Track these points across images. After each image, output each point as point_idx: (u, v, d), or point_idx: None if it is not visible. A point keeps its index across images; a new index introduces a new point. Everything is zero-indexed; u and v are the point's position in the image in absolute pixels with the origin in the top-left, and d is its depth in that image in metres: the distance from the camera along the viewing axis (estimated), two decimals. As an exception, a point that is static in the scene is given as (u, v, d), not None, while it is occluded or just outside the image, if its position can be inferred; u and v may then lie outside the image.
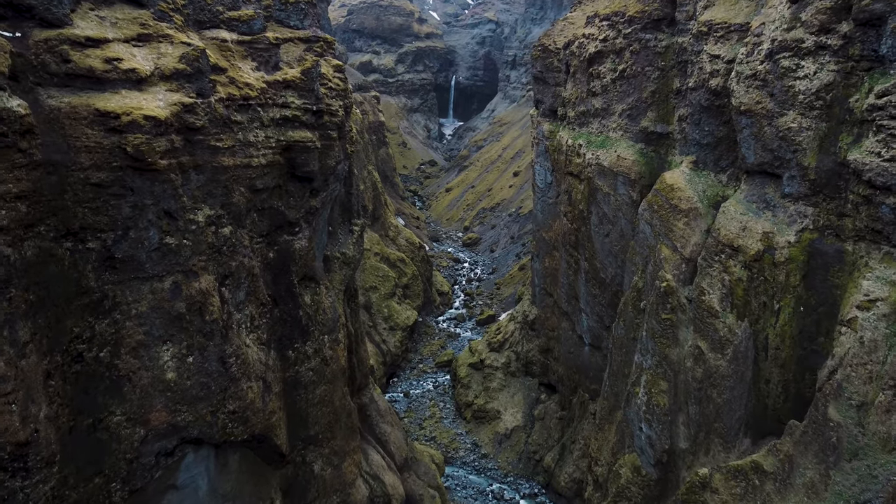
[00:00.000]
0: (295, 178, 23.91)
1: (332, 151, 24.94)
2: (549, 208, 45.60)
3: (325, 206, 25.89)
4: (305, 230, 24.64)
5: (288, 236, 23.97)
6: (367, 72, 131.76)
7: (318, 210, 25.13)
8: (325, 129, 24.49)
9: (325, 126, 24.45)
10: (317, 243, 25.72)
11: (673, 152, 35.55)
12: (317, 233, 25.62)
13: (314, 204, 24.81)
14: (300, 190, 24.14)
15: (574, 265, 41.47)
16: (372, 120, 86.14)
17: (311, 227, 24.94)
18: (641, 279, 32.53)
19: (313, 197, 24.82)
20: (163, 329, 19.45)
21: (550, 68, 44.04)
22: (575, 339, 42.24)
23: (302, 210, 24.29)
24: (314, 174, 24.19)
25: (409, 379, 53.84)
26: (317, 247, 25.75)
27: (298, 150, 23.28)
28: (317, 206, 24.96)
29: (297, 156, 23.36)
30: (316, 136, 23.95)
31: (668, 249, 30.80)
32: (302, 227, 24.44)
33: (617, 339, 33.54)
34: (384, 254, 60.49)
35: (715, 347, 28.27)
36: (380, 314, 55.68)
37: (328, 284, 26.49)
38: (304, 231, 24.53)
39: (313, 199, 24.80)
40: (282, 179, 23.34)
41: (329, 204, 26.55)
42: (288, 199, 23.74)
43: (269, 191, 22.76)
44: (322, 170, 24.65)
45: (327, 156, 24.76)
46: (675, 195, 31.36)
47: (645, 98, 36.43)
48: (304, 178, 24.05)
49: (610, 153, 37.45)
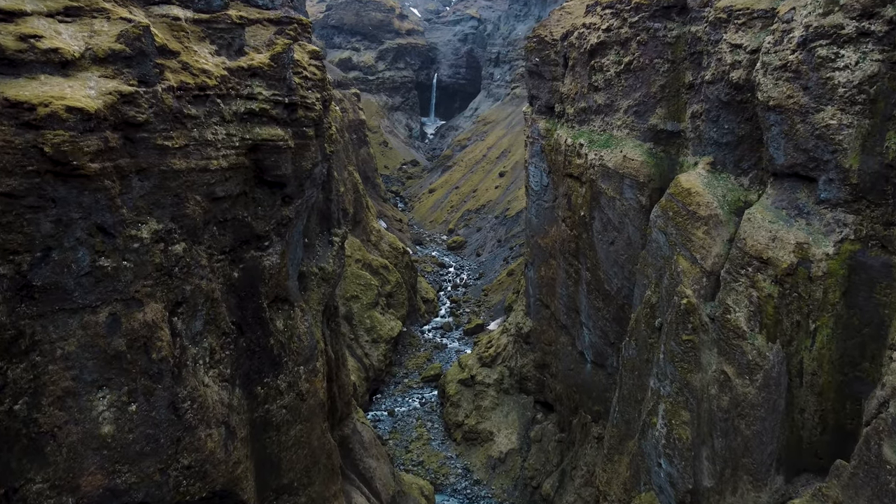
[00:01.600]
0: (264, 184, 20.24)
1: (307, 152, 21.30)
2: (546, 213, 42.29)
3: (300, 216, 22.26)
4: (277, 244, 20.97)
5: (256, 252, 20.31)
6: (347, 69, 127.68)
7: (291, 220, 21.49)
8: (300, 125, 20.85)
9: (300, 122, 20.81)
10: (290, 259, 22.08)
11: (685, 152, 32.38)
12: (290, 247, 21.98)
13: (287, 213, 21.16)
14: (270, 197, 20.47)
15: (574, 275, 38.19)
16: (352, 118, 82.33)
17: (283, 241, 21.28)
18: (655, 294, 29.30)
19: (286, 205, 21.16)
20: (97, 372, 15.70)
21: (547, 61, 40.71)
22: (575, 355, 38.98)
23: (272, 221, 20.62)
24: (287, 179, 20.55)
25: (394, 395, 50.22)
26: (290, 263, 22.11)
27: (267, 150, 19.62)
28: (290, 215, 21.32)
29: (266, 157, 19.70)
30: (288, 134, 20.31)
31: (686, 261, 27.61)
32: (272, 240, 20.78)
33: (628, 360, 30.29)
34: (366, 260, 56.83)
35: (742, 373, 25.09)
36: (362, 326, 52.01)
37: (304, 306, 22.83)
38: (274, 245, 20.87)
39: (286, 208, 21.14)
40: (248, 185, 19.68)
41: (305, 213, 22.91)
42: (255, 209, 20.07)
43: (231, 199, 19.08)
44: (296, 173, 21.02)
45: (302, 157, 21.12)
46: (693, 200, 28.19)
47: (653, 93, 33.23)
48: (274, 183, 20.39)
49: (615, 153, 34.21)
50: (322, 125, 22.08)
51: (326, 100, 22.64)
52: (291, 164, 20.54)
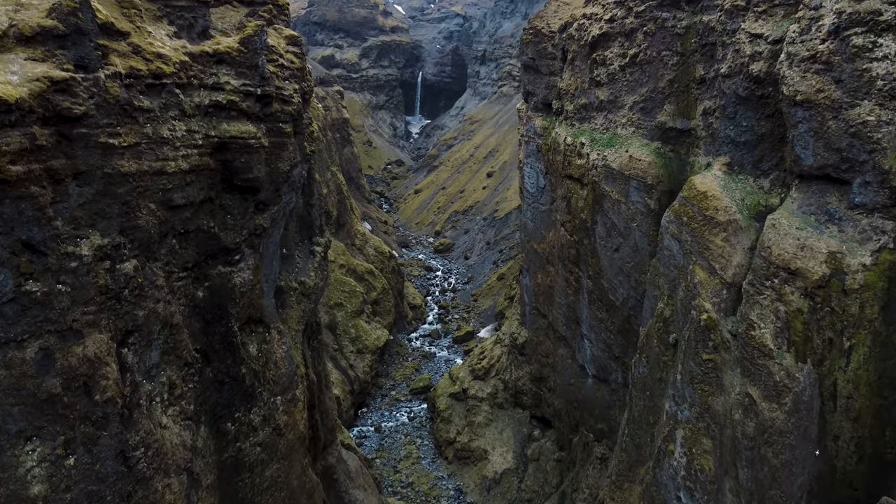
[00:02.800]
0: (233, 189, 17.47)
1: (284, 151, 18.53)
2: (542, 216, 39.76)
3: (276, 225, 19.49)
4: (249, 258, 18.19)
5: (224, 267, 17.51)
6: (330, 66, 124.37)
7: (266, 230, 18.72)
8: (275, 120, 18.08)
9: (275, 117, 18.04)
10: (265, 274, 19.30)
11: (696, 152, 30.00)
12: (265, 260, 19.20)
13: (261, 222, 18.38)
14: (241, 204, 17.69)
15: (574, 283, 35.70)
16: (335, 116, 79.29)
17: (256, 254, 18.50)
18: (669, 307, 26.86)
19: (259, 213, 18.39)
20: (24, 420, 12.84)
21: (543, 55, 38.17)
22: (575, 368, 36.51)
23: (243, 231, 17.84)
24: (260, 182, 17.78)
25: (381, 409, 47.45)
26: (265, 278, 19.33)
27: (237, 149, 16.84)
28: (265, 224, 18.55)
29: (236, 157, 16.93)
30: (262, 131, 17.53)
31: (703, 271, 25.18)
32: (244, 253, 17.99)
33: (638, 379, 27.83)
34: (350, 265, 53.98)
35: (769, 395, 22.69)
36: (346, 335, 49.18)
37: (282, 327, 20.05)
38: (246, 259, 18.09)
39: (259, 216, 18.36)
40: (213, 191, 16.89)
41: (282, 220, 20.14)
42: (223, 218, 17.28)
43: (194, 207, 16.28)
44: (271, 176, 18.25)
45: (278, 157, 18.35)
46: (710, 204, 25.76)
47: (661, 88, 30.80)
48: (245, 188, 17.62)
49: (620, 153, 31.75)
50: (301, 121, 19.31)
51: (306, 92, 19.88)
52: (265, 165, 17.76)
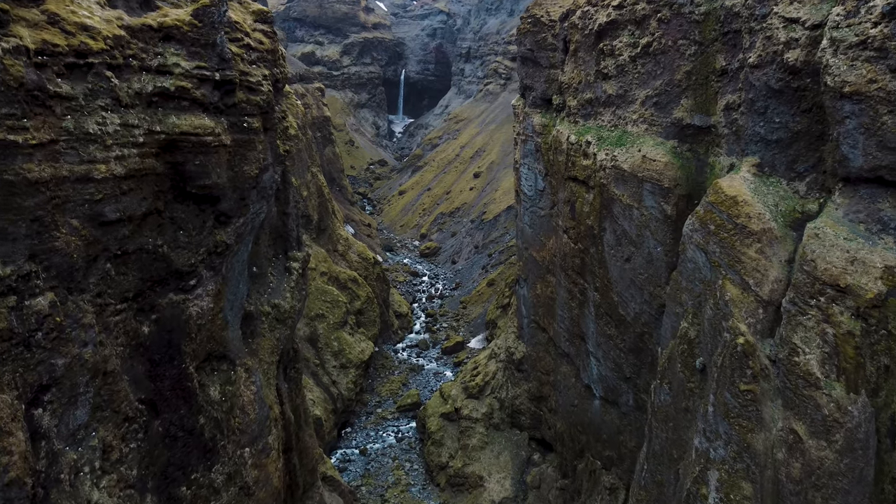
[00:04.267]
0: (187, 198, 14.07)
1: (251, 151, 15.15)
2: (542, 222, 36.65)
3: (242, 240, 16.10)
4: (208, 282, 14.80)
5: (176, 295, 14.11)
6: (310, 63, 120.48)
7: (230, 247, 15.33)
8: (239, 113, 14.69)
9: (239, 109, 14.66)
10: (230, 299, 15.91)
11: (716, 151, 27.04)
12: (229, 283, 15.81)
13: (223, 238, 14.99)
14: (196, 217, 14.29)
15: (579, 296, 32.63)
16: (316, 115, 75.67)
17: (217, 276, 15.12)
18: (694, 326, 23.84)
19: (221, 227, 15.00)
20: None
21: (543, 46, 35.07)
22: (580, 388, 33.46)
23: (201, 250, 14.44)
24: (221, 189, 14.40)
25: (366, 428, 44.05)
26: (230, 305, 15.94)
27: (190, 148, 13.44)
28: (228, 241, 15.16)
29: (189, 159, 13.53)
30: (222, 126, 14.14)
31: (735, 287, 22.16)
32: (201, 277, 14.60)
33: (660, 408, 24.83)
34: (333, 273, 50.49)
35: (817, 432, 19.70)
36: (328, 349, 45.71)
37: (250, 363, 16.66)
38: (204, 284, 14.70)
39: (221, 231, 14.97)
40: (161, 201, 13.48)
41: (250, 234, 16.76)
42: (174, 234, 13.88)
43: (134, 222, 12.86)
44: (235, 182, 14.86)
45: (244, 158, 14.97)
46: (741, 211, 22.75)
47: (678, 81, 27.82)
48: (202, 196, 14.22)
49: (632, 153, 28.71)
50: (272, 114, 15.94)
51: (279, 80, 16.49)
52: (227, 168, 14.37)
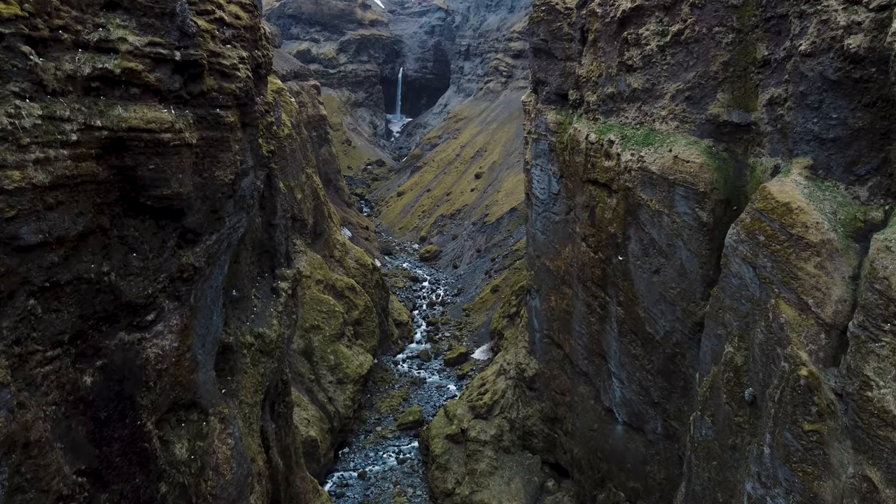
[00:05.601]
0: (141, 212, 11.08)
1: (225, 152, 12.16)
2: (556, 228, 33.71)
3: (216, 261, 13.11)
4: (171, 315, 11.82)
5: (129, 334, 11.13)
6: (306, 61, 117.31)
7: (199, 271, 12.35)
8: (209, 104, 11.69)
9: (209, 99, 11.65)
10: (200, 334, 12.91)
11: (757, 151, 24.12)
12: (199, 314, 12.83)
13: (189, 261, 12.00)
14: (154, 236, 11.29)
15: (599, 310, 29.71)
16: (312, 113, 72.56)
17: (183, 308, 12.13)
18: (741, 351, 20.92)
19: (187, 246, 12.00)
20: None
21: (558, 36, 32.17)
22: (599, 411, 30.56)
23: (160, 276, 11.45)
24: (185, 200, 11.40)
25: (365, 448, 41.06)
26: (200, 341, 12.94)
27: (142, 149, 10.46)
28: (196, 263, 12.17)
29: (141, 162, 10.55)
30: (186, 120, 11.14)
31: (791, 308, 19.23)
32: (162, 310, 11.61)
33: (701, 443, 21.96)
34: (329, 280, 47.49)
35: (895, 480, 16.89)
36: (324, 363, 42.74)
37: (227, 411, 13.66)
38: (166, 318, 11.71)
39: (187, 252, 11.98)
40: (105, 217, 10.50)
41: (227, 253, 13.77)
42: (124, 258, 10.89)
43: (65, 246, 9.87)
44: (205, 190, 11.88)
45: (215, 161, 11.97)
46: (796, 220, 19.83)
47: (713, 73, 24.90)
48: (161, 209, 11.22)
49: (661, 153, 25.79)
50: (252, 106, 12.93)
51: (261, 65, 13.50)
52: (193, 173, 11.38)
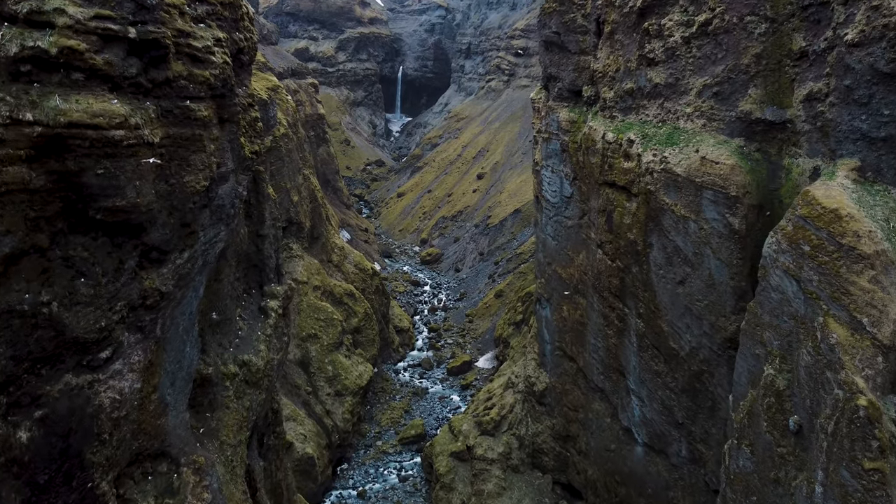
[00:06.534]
0: (91, 228, 8.98)
1: (198, 153, 10.07)
2: (569, 233, 31.66)
3: (190, 282, 11.03)
4: (133, 350, 9.75)
5: (77, 377, 9.05)
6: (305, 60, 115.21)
7: (167, 296, 10.27)
8: (178, 95, 9.59)
9: (177, 89, 9.56)
10: (170, 370, 10.83)
11: (793, 151, 22.06)
12: (170, 346, 10.76)
13: (154, 284, 9.92)
14: (109, 256, 9.20)
15: (617, 322, 27.67)
16: (309, 112, 70.39)
17: (148, 340, 10.06)
18: (783, 374, 18.85)
19: (152, 267, 9.92)
20: None
21: (572, 28, 30.12)
22: (617, 431, 28.54)
23: (118, 305, 9.37)
24: (146, 213, 9.32)
25: (365, 465, 39.00)
26: (169, 379, 10.86)
27: (87, 150, 8.36)
28: (164, 287, 10.10)
29: (87, 167, 8.45)
30: (145, 115, 9.04)
31: (842, 327, 17.16)
32: (121, 345, 9.54)
33: (738, 476, 19.93)
34: (327, 287, 45.42)
35: (970, 526, 14.83)
36: (322, 374, 40.69)
37: (202, 458, 11.61)
38: (126, 354, 9.64)
39: (152, 275, 9.90)
40: (43, 234, 8.39)
41: (202, 272, 11.69)
42: (70, 285, 8.81)
43: (-12, 271, 7.90)
44: (172, 199, 9.81)
45: (185, 164, 9.89)
46: (846, 228, 17.76)
47: (744, 66, 22.85)
48: (115, 224, 9.14)
49: (687, 153, 23.75)
50: (232, 99, 10.85)
51: (244, 49, 11.41)
52: (157, 179, 9.31)
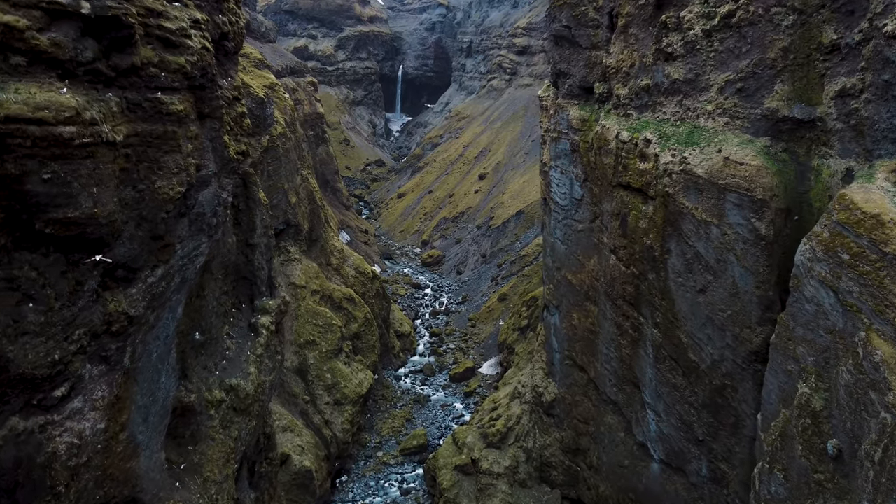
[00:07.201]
0: (41, 243, 7.56)
1: (171, 154, 8.60)
2: (579, 237, 30.21)
3: (165, 303, 9.57)
4: (95, 385, 8.29)
5: (25, 420, 7.52)
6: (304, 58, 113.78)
7: (137, 320, 8.81)
8: (146, 85, 8.12)
9: (146, 78, 8.09)
10: (142, 405, 9.37)
11: (823, 152, 20.56)
12: (142, 377, 9.30)
13: (121, 307, 8.46)
14: (62, 277, 7.73)
15: (631, 332, 26.23)
16: (308, 111, 68.89)
17: (114, 372, 8.60)
18: (819, 394, 17.38)
19: (118, 288, 8.43)
20: None
21: (583, 21, 28.68)
22: (631, 446, 27.11)
23: (76, 334, 7.90)
24: (106, 225, 7.87)
25: (365, 477, 37.54)
26: (142, 415, 9.40)
27: (28, 150, 6.94)
28: (132, 311, 8.64)
29: (31, 171, 6.99)
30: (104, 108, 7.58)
31: (888, 344, 15.67)
32: (81, 380, 8.08)
33: (771, 502, 18.47)
34: (326, 291, 43.95)
35: None
36: (320, 382, 39.24)
37: (181, 503, 10.19)
38: (87, 390, 8.18)
39: (118, 296, 8.43)
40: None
41: (181, 290, 10.23)
42: (16, 311, 7.32)
43: None
44: (140, 208, 8.35)
45: (156, 166, 8.43)
46: (890, 235, 16.24)
47: (771, 60, 21.37)
48: (69, 239, 7.73)
49: (708, 153, 22.27)
50: (213, 91, 9.38)
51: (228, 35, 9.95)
52: (120, 185, 7.83)
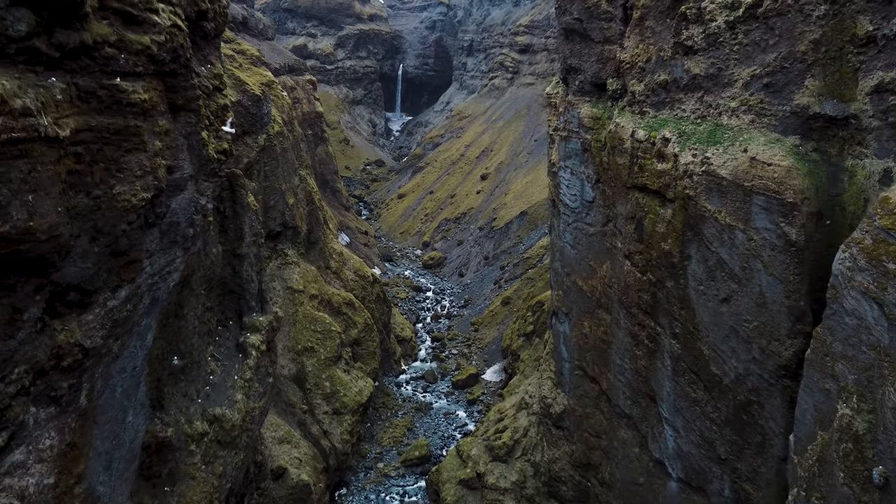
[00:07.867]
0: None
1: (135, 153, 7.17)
2: (590, 242, 28.77)
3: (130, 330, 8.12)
4: (43, 432, 6.83)
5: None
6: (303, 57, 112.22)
7: (94, 352, 7.40)
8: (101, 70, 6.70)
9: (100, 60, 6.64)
10: (102, 452, 7.92)
11: (857, 151, 19.08)
12: (103, 417, 7.86)
13: (74, 338, 7.02)
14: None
15: (647, 342, 24.79)
16: (307, 110, 67.38)
17: (66, 416, 7.14)
18: (862, 416, 15.94)
19: (69, 314, 7.02)
20: None
21: (595, 14, 27.24)
22: (646, 462, 25.69)
23: (15, 372, 6.45)
24: (48, 241, 6.45)
25: (365, 490, 36.10)
26: (104, 463, 7.95)
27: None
28: (87, 342, 7.20)
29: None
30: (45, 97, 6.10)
31: (941, 363, 14.25)
32: (24, 427, 6.59)
33: (807, 534, 17.14)
34: (325, 295, 42.52)
35: None
36: (319, 391, 37.82)
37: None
38: (32, 438, 6.71)
39: (69, 324, 6.99)
40: None
41: (150, 314, 8.78)
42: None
43: None
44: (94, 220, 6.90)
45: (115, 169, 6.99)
46: (941, 244, 14.85)
47: (800, 54, 19.90)
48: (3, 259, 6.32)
49: (733, 153, 20.78)
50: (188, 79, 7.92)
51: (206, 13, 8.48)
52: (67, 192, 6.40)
